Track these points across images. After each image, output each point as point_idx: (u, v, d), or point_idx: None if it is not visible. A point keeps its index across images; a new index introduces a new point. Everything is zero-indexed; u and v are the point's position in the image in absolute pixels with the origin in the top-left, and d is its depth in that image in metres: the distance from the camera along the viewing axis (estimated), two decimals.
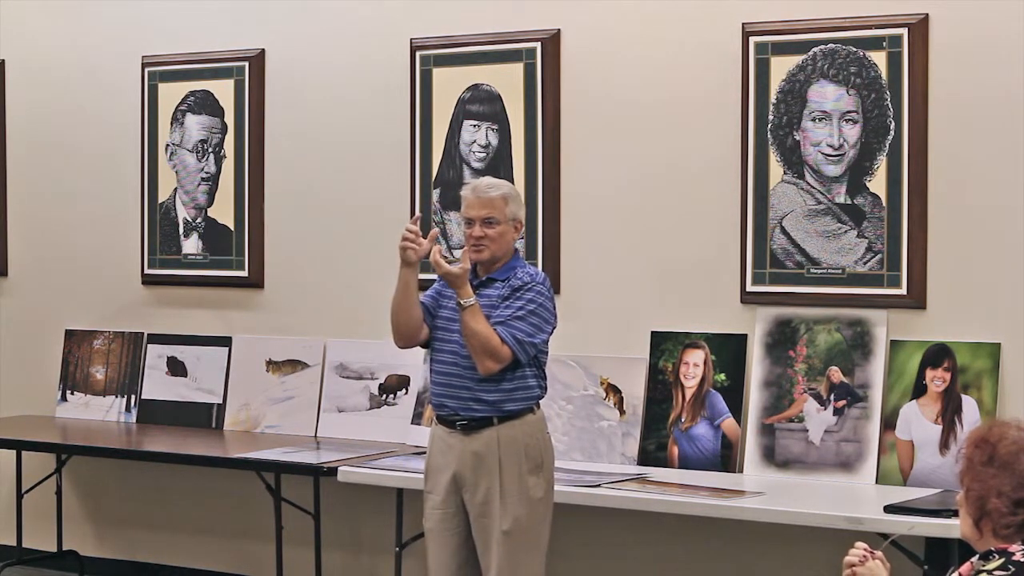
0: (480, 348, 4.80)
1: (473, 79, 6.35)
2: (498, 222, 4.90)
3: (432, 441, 5.03)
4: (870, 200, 5.58)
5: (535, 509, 4.90)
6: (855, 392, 5.56)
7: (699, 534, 5.81)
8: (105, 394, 7.24)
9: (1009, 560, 3.25)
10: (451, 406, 4.92)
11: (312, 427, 6.67)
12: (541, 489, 4.91)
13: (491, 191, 4.93)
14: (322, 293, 6.79)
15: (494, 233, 4.90)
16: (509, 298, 4.88)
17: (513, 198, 4.96)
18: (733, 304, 5.85)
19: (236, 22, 7.00)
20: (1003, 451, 3.30)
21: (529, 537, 4.88)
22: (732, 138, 5.83)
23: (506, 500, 4.84)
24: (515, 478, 4.86)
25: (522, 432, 4.89)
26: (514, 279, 4.91)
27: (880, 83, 5.55)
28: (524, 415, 4.91)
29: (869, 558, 3.42)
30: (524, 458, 4.88)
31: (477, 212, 4.91)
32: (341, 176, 6.73)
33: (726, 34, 5.83)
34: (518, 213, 4.97)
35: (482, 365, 4.82)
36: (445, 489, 4.95)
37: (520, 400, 4.90)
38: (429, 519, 5.02)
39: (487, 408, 4.87)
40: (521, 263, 5.00)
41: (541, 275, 4.98)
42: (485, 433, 4.87)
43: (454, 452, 4.92)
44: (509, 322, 4.84)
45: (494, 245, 4.90)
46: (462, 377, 4.89)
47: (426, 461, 5.06)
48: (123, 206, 7.26)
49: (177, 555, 7.12)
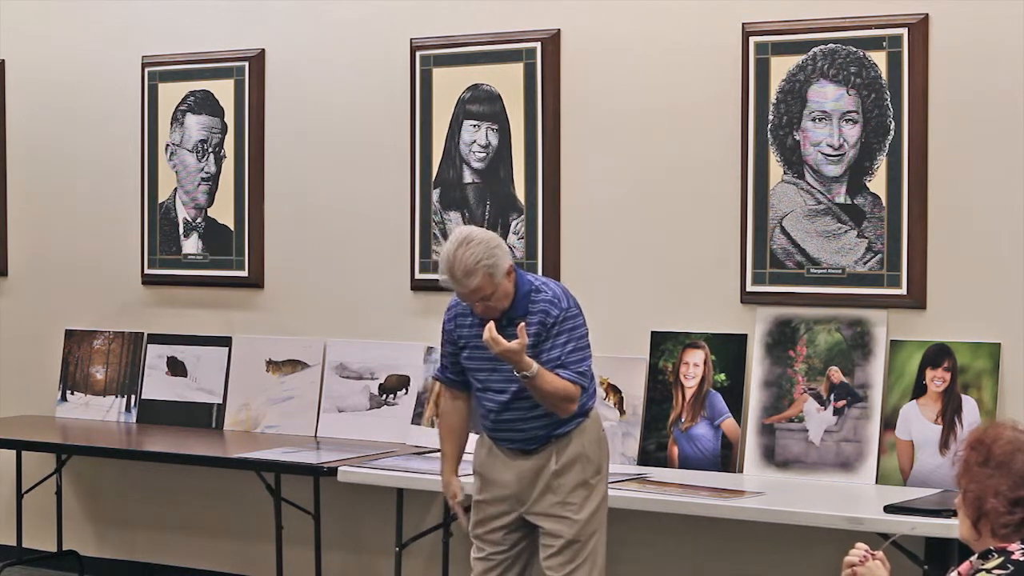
0: (558, 401, 4.70)
1: (473, 79, 6.35)
2: (492, 293, 4.69)
3: (486, 451, 4.93)
4: (870, 200, 5.58)
5: (599, 512, 4.87)
6: (855, 392, 5.56)
7: (699, 534, 5.81)
8: (105, 394, 7.24)
9: (1008, 559, 3.25)
10: (511, 449, 4.86)
11: (312, 427, 6.67)
12: (600, 495, 4.87)
13: (471, 280, 4.64)
14: (322, 293, 6.79)
15: (494, 302, 4.71)
16: (547, 338, 4.73)
17: (495, 266, 4.66)
18: (733, 304, 5.85)
19: (236, 22, 7.00)
20: (999, 451, 3.30)
21: (591, 545, 4.84)
22: (732, 138, 5.82)
23: (567, 509, 4.80)
24: (579, 487, 4.81)
25: (578, 442, 4.83)
26: (538, 312, 4.74)
27: (880, 83, 5.54)
28: (578, 427, 4.84)
29: (869, 558, 3.42)
30: (584, 466, 4.83)
31: (469, 299, 4.72)
32: (341, 176, 6.73)
33: (726, 34, 5.83)
34: (504, 266, 4.69)
35: (563, 411, 4.74)
36: (504, 502, 4.88)
37: (571, 419, 4.82)
38: (482, 525, 4.93)
39: (542, 440, 4.81)
40: (531, 285, 4.80)
41: (562, 296, 4.80)
42: (544, 451, 4.82)
43: (512, 469, 4.85)
44: (566, 362, 4.72)
45: (500, 303, 4.72)
46: (513, 420, 4.81)
47: (476, 467, 4.96)
48: (123, 206, 7.26)
49: (177, 555, 7.12)
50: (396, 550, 5.99)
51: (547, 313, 4.74)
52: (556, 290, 4.81)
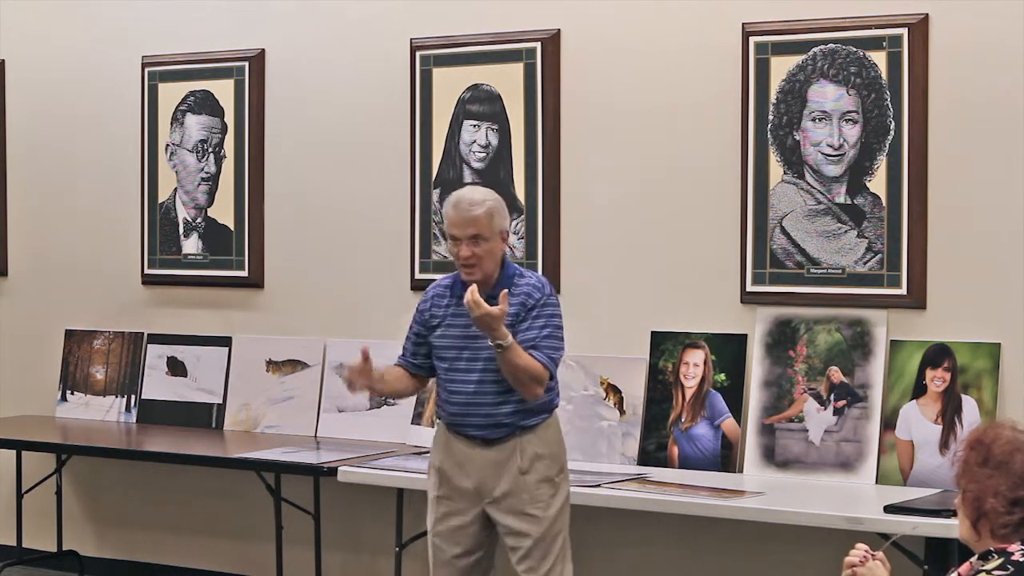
0: (527, 379, 4.70)
1: (473, 79, 6.35)
2: (485, 239, 4.74)
3: (444, 445, 4.92)
4: (870, 200, 5.58)
5: (564, 511, 4.87)
6: (855, 392, 5.56)
7: (699, 534, 5.81)
8: (105, 394, 7.24)
9: (1008, 560, 3.25)
10: (472, 434, 4.85)
11: (312, 427, 6.67)
12: (565, 489, 4.88)
13: (475, 209, 4.74)
14: (322, 293, 6.79)
15: (482, 251, 4.73)
16: (525, 318, 4.77)
17: (498, 210, 4.78)
18: (733, 304, 5.84)
19: (236, 22, 7.00)
20: (998, 451, 3.30)
21: (559, 542, 4.85)
22: (732, 138, 5.82)
23: (535, 507, 4.81)
24: (543, 483, 4.82)
25: (542, 437, 4.84)
26: (519, 293, 4.80)
27: (880, 83, 5.54)
28: (543, 423, 4.86)
29: (869, 559, 3.42)
30: (549, 462, 4.84)
31: (462, 231, 4.74)
32: (341, 176, 6.73)
33: (726, 34, 5.83)
34: (504, 224, 4.81)
35: (530, 393, 4.74)
36: (466, 498, 4.87)
37: (536, 413, 4.84)
38: (442, 523, 4.93)
39: (507, 428, 4.82)
40: (515, 270, 4.88)
41: (546, 284, 4.87)
42: (507, 444, 4.82)
43: (475, 464, 4.85)
44: (540, 344, 4.75)
45: (485, 263, 4.75)
46: (479, 404, 4.81)
47: (435, 463, 4.96)
48: (123, 206, 7.26)
49: (177, 555, 7.12)
50: (396, 550, 5.99)
51: (529, 295, 4.80)
52: (541, 279, 4.90)
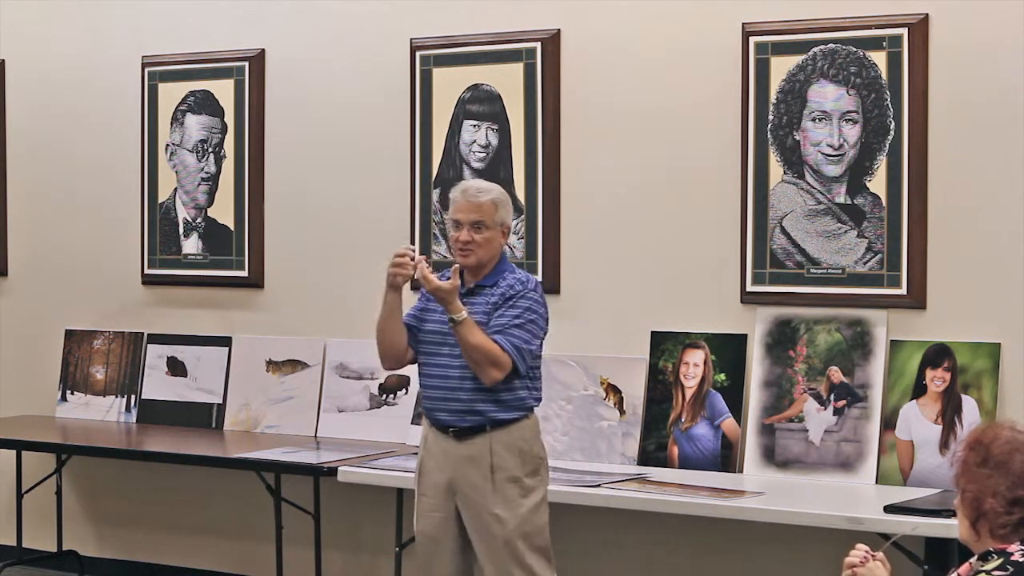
0: (482, 360, 4.74)
1: (473, 79, 6.35)
2: (487, 227, 4.84)
3: (424, 443, 4.99)
4: (870, 200, 5.58)
5: (536, 512, 4.87)
6: (855, 392, 5.56)
7: (699, 534, 5.81)
8: (105, 394, 7.24)
9: (1008, 560, 3.25)
10: (445, 419, 4.88)
11: (312, 427, 6.67)
12: (539, 493, 4.88)
13: (481, 196, 4.87)
14: (322, 293, 6.79)
15: (481, 238, 4.83)
16: (502, 306, 4.83)
17: (503, 203, 4.90)
18: (733, 304, 5.84)
19: (236, 22, 7.00)
20: (997, 451, 3.30)
21: (534, 541, 4.86)
22: (732, 138, 5.82)
23: (505, 505, 4.81)
24: (512, 482, 4.83)
25: (516, 436, 4.85)
26: (504, 285, 4.86)
27: (880, 83, 5.54)
28: (517, 421, 4.87)
29: (869, 559, 3.42)
30: (520, 462, 4.85)
31: (466, 216, 4.85)
32: (341, 176, 6.73)
33: (726, 34, 5.83)
34: (507, 219, 4.91)
35: (487, 376, 4.76)
36: (440, 493, 4.91)
37: (512, 409, 4.85)
38: (422, 521, 4.99)
39: (480, 419, 4.83)
40: (509, 267, 4.94)
41: (532, 280, 4.91)
42: (478, 440, 4.84)
43: (449, 458, 4.88)
44: (507, 331, 4.78)
45: (481, 250, 4.84)
46: (454, 390, 4.84)
47: (418, 462, 5.03)
48: (123, 206, 7.26)
49: (177, 555, 7.12)
50: (396, 550, 5.99)
51: (511, 287, 4.86)
52: (531, 278, 4.93)
